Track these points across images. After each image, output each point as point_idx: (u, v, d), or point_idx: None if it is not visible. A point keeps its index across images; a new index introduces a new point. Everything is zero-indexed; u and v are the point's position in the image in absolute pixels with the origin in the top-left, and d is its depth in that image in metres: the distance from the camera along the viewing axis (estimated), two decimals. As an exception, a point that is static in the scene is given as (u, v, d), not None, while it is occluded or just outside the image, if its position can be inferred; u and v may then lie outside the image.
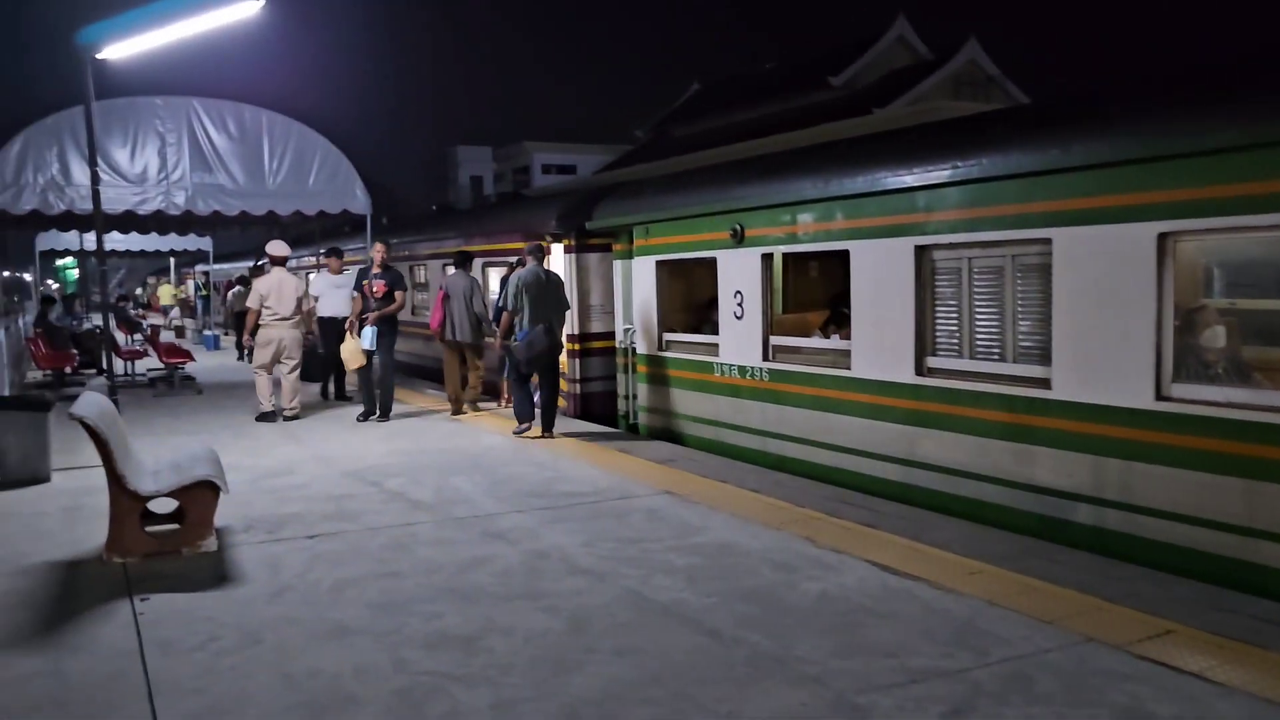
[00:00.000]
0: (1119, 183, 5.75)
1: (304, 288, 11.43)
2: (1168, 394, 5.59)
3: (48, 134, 11.30)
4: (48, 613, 4.88)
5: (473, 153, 60.58)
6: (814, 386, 8.17)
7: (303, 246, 24.21)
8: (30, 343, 16.35)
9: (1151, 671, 3.90)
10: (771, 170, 8.89)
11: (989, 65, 33.03)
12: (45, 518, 6.79)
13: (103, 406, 5.88)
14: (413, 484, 7.62)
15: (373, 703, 3.78)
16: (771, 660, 4.10)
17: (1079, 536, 5.95)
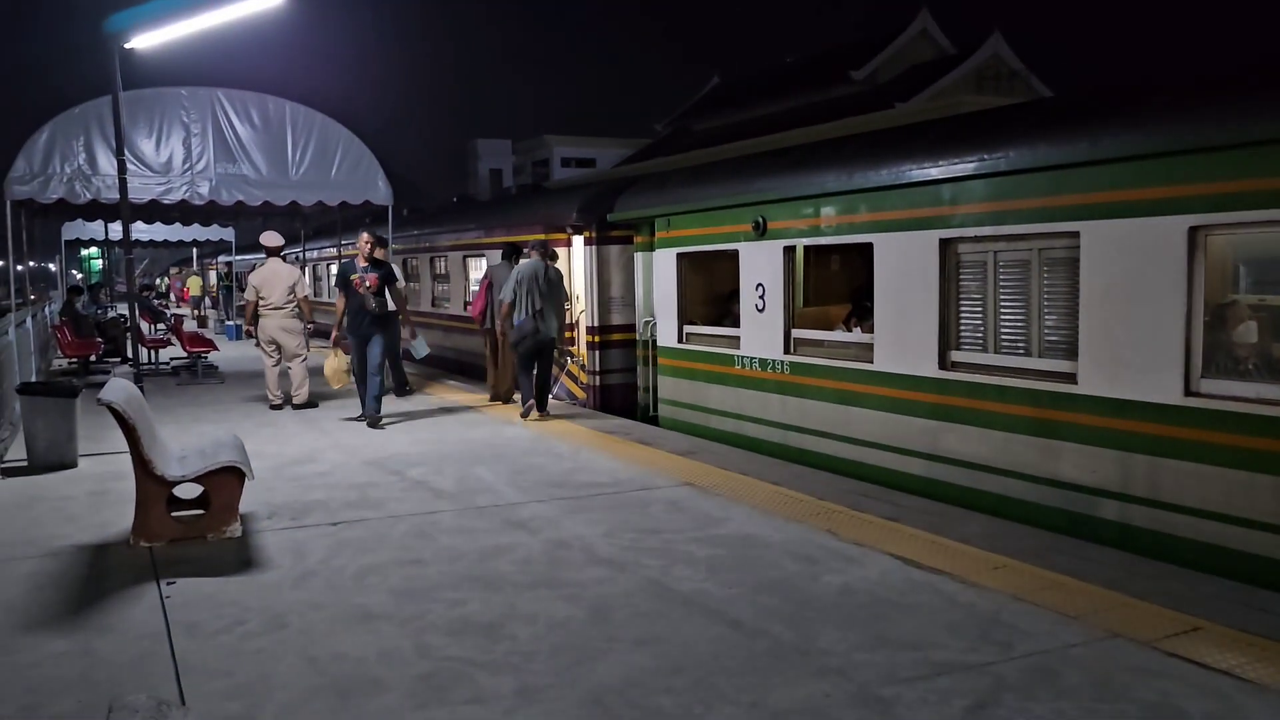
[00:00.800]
0: (1149, 176, 5.70)
1: (298, 277, 11.38)
2: (1197, 389, 5.54)
3: (75, 124, 11.38)
4: (76, 595, 4.93)
5: (492, 146, 60.61)
6: (836, 380, 8.14)
7: (324, 238, 24.34)
8: (56, 331, 16.51)
9: (1180, 668, 3.87)
10: (795, 162, 8.86)
11: (1013, 60, 32.74)
12: (72, 502, 6.86)
13: (130, 392, 5.92)
14: (434, 473, 7.65)
15: (397, 687, 3.80)
16: (794, 651, 4.09)
17: (1105, 533, 5.90)
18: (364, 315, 9.90)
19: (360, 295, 9.87)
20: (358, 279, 9.88)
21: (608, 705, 3.62)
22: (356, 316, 9.94)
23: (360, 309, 9.90)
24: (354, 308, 9.92)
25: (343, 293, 10.04)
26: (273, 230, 12.02)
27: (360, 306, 9.90)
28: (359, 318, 9.92)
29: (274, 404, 11.21)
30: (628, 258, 11.64)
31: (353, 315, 9.95)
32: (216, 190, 12.15)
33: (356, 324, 9.96)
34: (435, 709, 3.61)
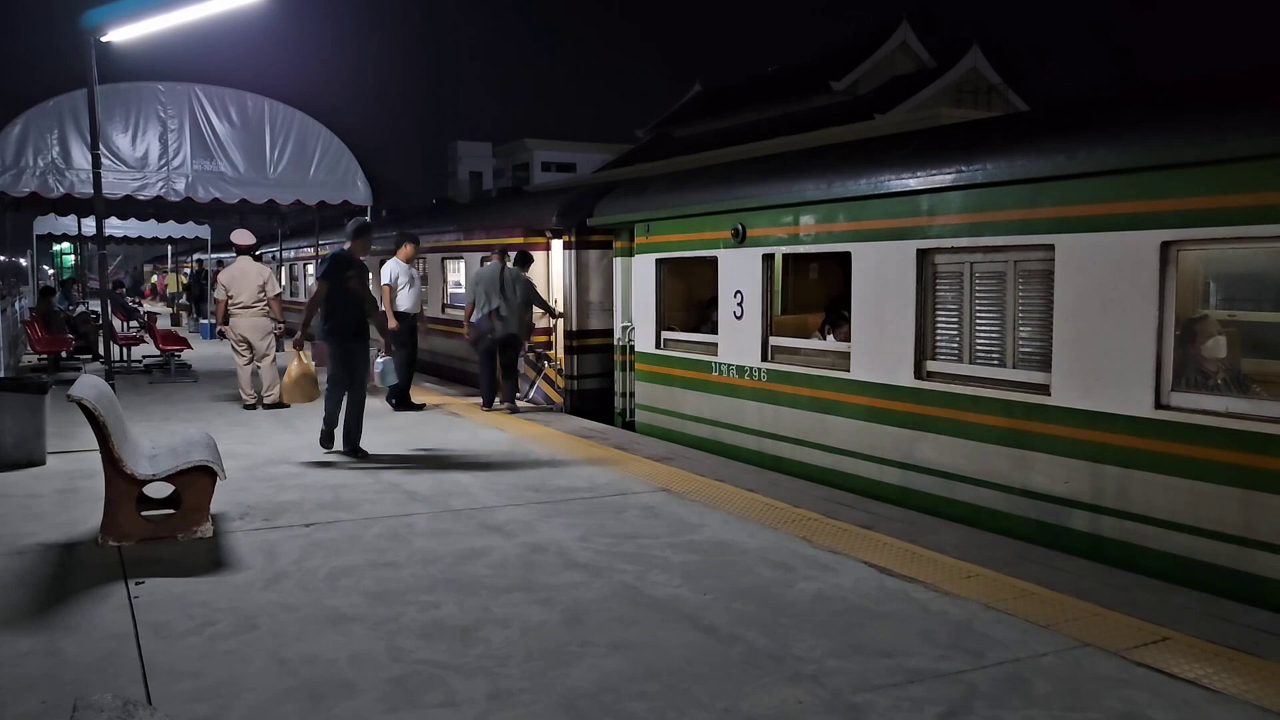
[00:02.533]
0: (1123, 190, 5.76)
1: (268, 276, 11.29)
2: (1167, 402, 5.61)
3: (49, 116, 11.24)
4: (43, 593, 4.86)
5: (473, 148, 60.49)
6: (812, 388, 8.17)
7: (301, 238, 24.20)
8: (27, 326, 16.31)
9: (1147, 677, 3.91)
10: (775, 170, 8.89)
11: (991, 74, 33.04)
12: (40, 500, 6.76)
13: (101, 389, 5.85)
14: (409, 475, 7.61)
15: (369, 690, 3.77)
16: (768, 658, 4.10)
17: (1076, 543, 5.96)
18: (351, 320, 8.32)
19: (353, 295, 8.40)
20: (354, 277, 8.39)
21: (581, 710, 3.61)
22: (341, 320, 8.31)
23: (348, 312, 8.32)
24: (338, 310, 8.30)
25: (326, 285, 8.32)
26: (244, 229, 11.92)
27: (348, 308, 8.32)
28: (343, 321, 8.31)
29: (247, 404, 11.14)
30: (607, 263, 11.64)
31: (336, 318, 8.31)
32: (193, 187, 12.05)
33: (338, 328, 8.30)
34: (407, 712, 3.59)
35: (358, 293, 8.36)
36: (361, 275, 8.48)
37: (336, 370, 8.25)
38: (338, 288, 8.27)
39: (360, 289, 8.38)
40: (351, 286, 8.32)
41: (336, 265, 8.38)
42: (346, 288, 8.29)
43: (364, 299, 8.44)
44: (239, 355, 11.18)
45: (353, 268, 8.41)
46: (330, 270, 8.42)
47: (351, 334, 8.34)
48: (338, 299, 8.28)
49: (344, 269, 8.36)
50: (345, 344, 8.28)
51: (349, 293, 8.31)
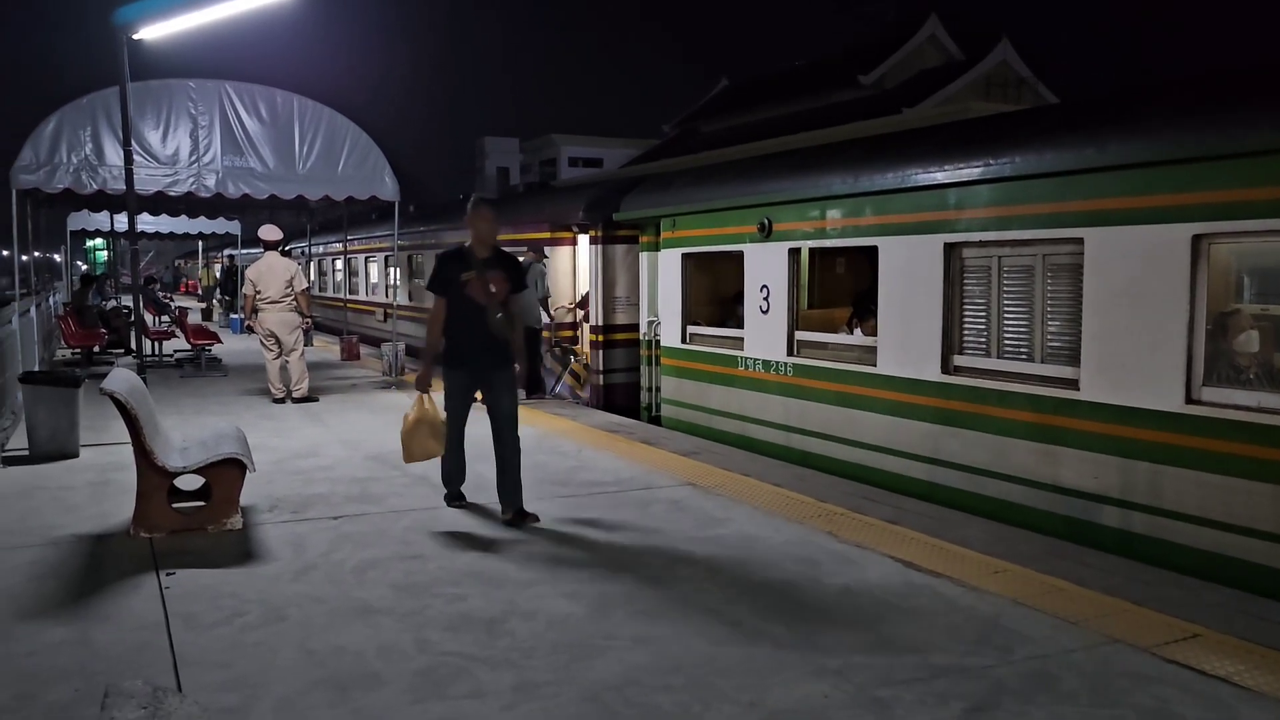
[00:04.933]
0: (1154, 183, 5.70)
1: (295, 271, 11.38)
2: (1198, 397, 5.54)
3: (82, 114, 11.38)
4: (76, 584, 4.94)
5: (500, 144, 60.68)
6: (839, 382, 8.14)
7: (330, 233, 24.37)
8: (60, 321, 16.54)
9: (1177, 674, 3.87)
10: (801, 165, 8.86)
11: (1021, 66, 32.76)
12: (73, 492, 6.87)
13: (133, 383, 5.94)
14: (437, 469, 7.61)
15: (396, 681, 3.80)
16: (793, 652, 4.09)
17: (1105, 539, 5.90)
18: (481, 341, 6.17)
19: (479, 307, 6.12)
20: (475, 279, 6.15)
21: (606, 703, 3.62)
22: (467, 340, 6.19)
23: (474, 328, 6.14)
24: (461, 329, 6.19)
25: (443, 300, 6.23)
26: (272, 224, 12.03)
27: (474, 324, 6.13)
28: (470, 342, 6.18)
29: (276, 397, 11.24)
30: (633, 257, 11.65)
31: (459, 338, 6.21)
32: (223, 183, 12.14)
33: (464, 352, 6.22)
34: (434, 703, 3.61)
35: (481, 301, 6.10)
36: (490, 275, 6.17)
37: (458, 408, 6.32)
38: (456, 298, 6.13)
39: (485, 294, 6.10)
40: (472, 293, 6.08)
41: (444, 268, 6.26)
42: (465, 295, 6.11)
43: (488, 307, 6.12)
44: (267, 350, 11.29)
45: (469, 266, 6.16)
46: (438, 277, 6.25)
47: (485, 358, 6.18)
48: (457, 314, 6.15)
49: (456, 269, 6.18)
50: (478, 374, 6.22)
51: (469, 303, 6.11)
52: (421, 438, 6.20)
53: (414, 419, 6.21)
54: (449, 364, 6.24)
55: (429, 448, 6.22)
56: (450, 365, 6.24)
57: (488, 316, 6.07)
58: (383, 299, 20.52)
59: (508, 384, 6.23)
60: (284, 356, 11.27)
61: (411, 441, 6.22)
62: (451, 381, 6.25)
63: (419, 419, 6.20)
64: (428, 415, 6.20)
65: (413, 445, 6.22)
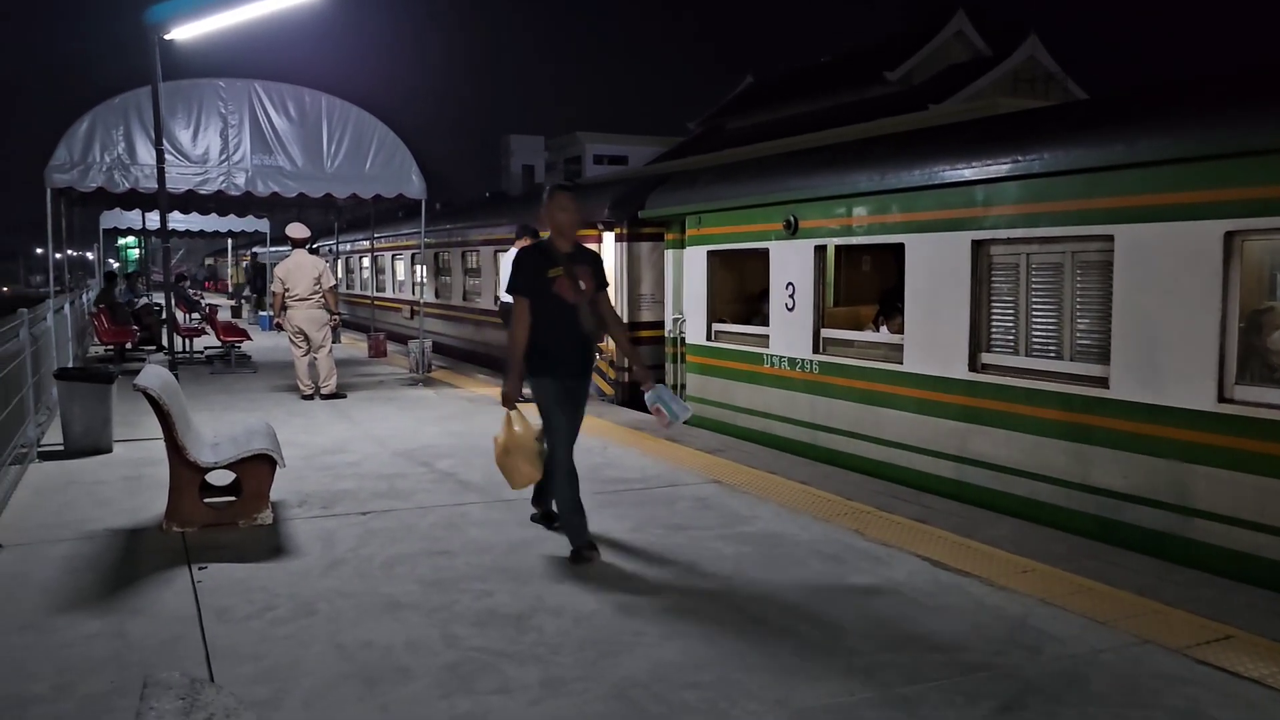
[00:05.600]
0: (1185, 179, 5.64)
1: (323, 268, 11.46)
2: (1231, 396, 5.48)
3: (115, 113, 11.52)
4: (110, 577, 5.01)
5: (525, 142, 60.84)
6: (865, 380, 8.11)
7: (357, 231, 24.53)
8: (93, 318, 16.76)
9: (1210, 676, 3.83)
10: (827, 162, 8.83)
11: (1049, 62, 32.46)
12: (107, 486, 6.96)
13: (165, 379, 6.01)
14: (463, 465, 7.70)
15: (424, 676, 3.83)
16: (819, 650, 4.09)
17: (1136, 539, 5.85)
18: (574, 345, 5.46)
19: (569, 307, 5.39)
20: (562, 277, 5.39)
21: (633, 699, 3.64)
22: (558, 344, 5.40)
23: (566, 330, 5.41)
24: (551, 332, 5.38)
25: (528, 301, 5.40)
26: (300, 222, 12.13)
27: (565, 326, 5.41)
28: (562, 346, 5.42)
29: (305, 394, 11.34)
30: (658, 255, 11.66)
31: (549, 342, 5.38)
32: (252, 181, 12.26)
33: (556, 358, 5.41)
34: (461, 698, 3.64)
35: (570, 300, 5.38)
36: (577, 270, 5.44)
37: (562, 420, 5.42)
38: (543, 298, 5.37)
39: (574, 292, 5.39)
40: (561, 291, 5.37)
41: (526, 266, 5.47)
42: (553, 294, 5.36)
43: (579, 306, 5.40)
44: (296, 347, 11.38)
45: (554, 262, 5.41)
46: (521, 276, 5.45)
47: (576, 363, 5.53)
48: (545, 316, 5.37)
49: (540, 266, 5.42)
50: (562, 381, 5.43)
51: (558, 303, 5.36)
52: (519, 463, 5.46)
53: (504, 441, 5.45)
54: (538, 372, 5.39)
55: (527, 473, 5.50)
56: (540, 374, 5.39)
57: (579, 316, 5.39)
58: (410, 296, 20.64)
59: (586, 393, 5.67)
60: (312, 353, 11.36)
61: (510, 469, 5.52)
62: (546, 392, 5.40)
63: (511, 442, 5.43)
64: (520, 437, 5.43)
65: (513, 473, 5.52)
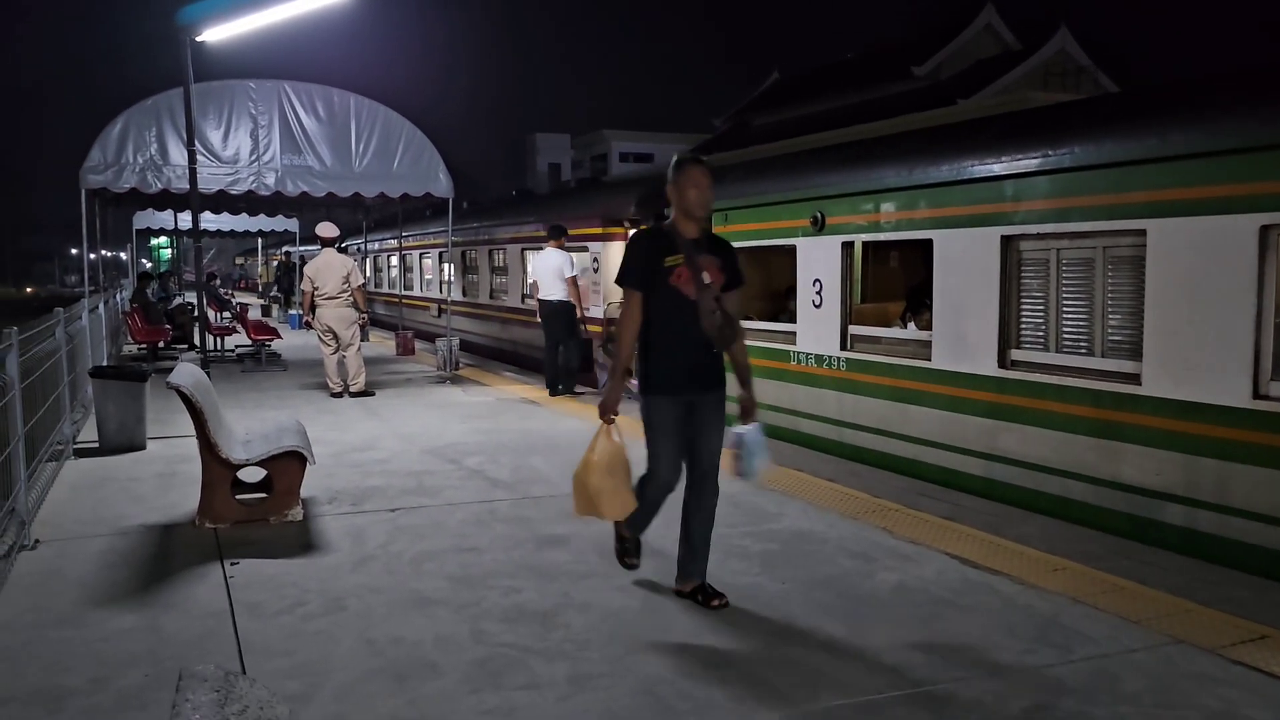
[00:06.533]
0: (1219, 173, 5.56)
1: (351, 267, 11.51)
2: (1266, 392, 5.41)
3: (147, 114, 11.66)
4: (144, 572, 5.08)
5: (551, 140, 61.03)
6: (893, 377, 8.07)
7: (385, 230, 24.69)
8: (127, 317, 16.98)
9: (1245, 675, 3.78)
10: (854, 158, 8.79)
11: (1080, 55, 32.08)
12: (141, 483, 7.06)
13: (198, 377, 6.08)
14: (491, 463, 7.74)
15: (453, 671, 3.86)
16: (848, 648, 4.07)
17: (1169, 538, 5.79)
18: (694, 351, 4.47)
19: (688, 304, 4.40)
20: (684, 268, 4.41)
21: (660, 695, 3.64)
22: (676, 351, 4.48)
23: (686, 334, 4.43)
24: (665, 334, 4.46)
25: (639, 296, 4.45)
26: (329, 221, 12.22)
27: (685, 329, 4.42)
28: (681, 354, 4.48)
29: (334, 392, 11.43)
30: (684, 252, 11.63)
31: (666, 348, 4.48)
32: (282, 181, 12.37)
33: (673, 368, 4.49)
34: (490, 694, 3.66)
35: (693, 297, 4.40)
36: (702, 260, 4.45)
37: (669, 446, 4.55)
38: (660, 293, 4.41)
39: (699, 287, 4.39)
40: (681, 285, 4.40)
41: (640, 253, 4.48)
42: (671, 289, 4.40)
43: (702, 304, 4.39)
44: (325, 345, 11.47)
45: (675, 249, 4.43)
46: (633, 265, 4.48)
47: (697, 375, 4.52)
48: (662, 316, 4.43)
49: (658, 254, 4.43)
50: (678, 397, 4.50)
51: (678, 299, 4.39)
52: (612, 485, 4.41)
53: (596, 460, 4.43)
54: (651, 386, 4.51)
55: (624, 499, 4.45)
56: (653, 388, 4.50)
57: (702, 317, 4.38)
58: (437, 295, 20.75)
59: (720, 413, 4.57)
60: (341, 351, 11.45)
61: (597, 491, 4.40)
62: (657, 410, 4.49)
63: (607, 458, 4.43)
64: (618, 453, 4.45)
65: (601, 496, 4.40)
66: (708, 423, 4.55)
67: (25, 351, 6.11)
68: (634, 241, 4.59)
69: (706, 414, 4.54)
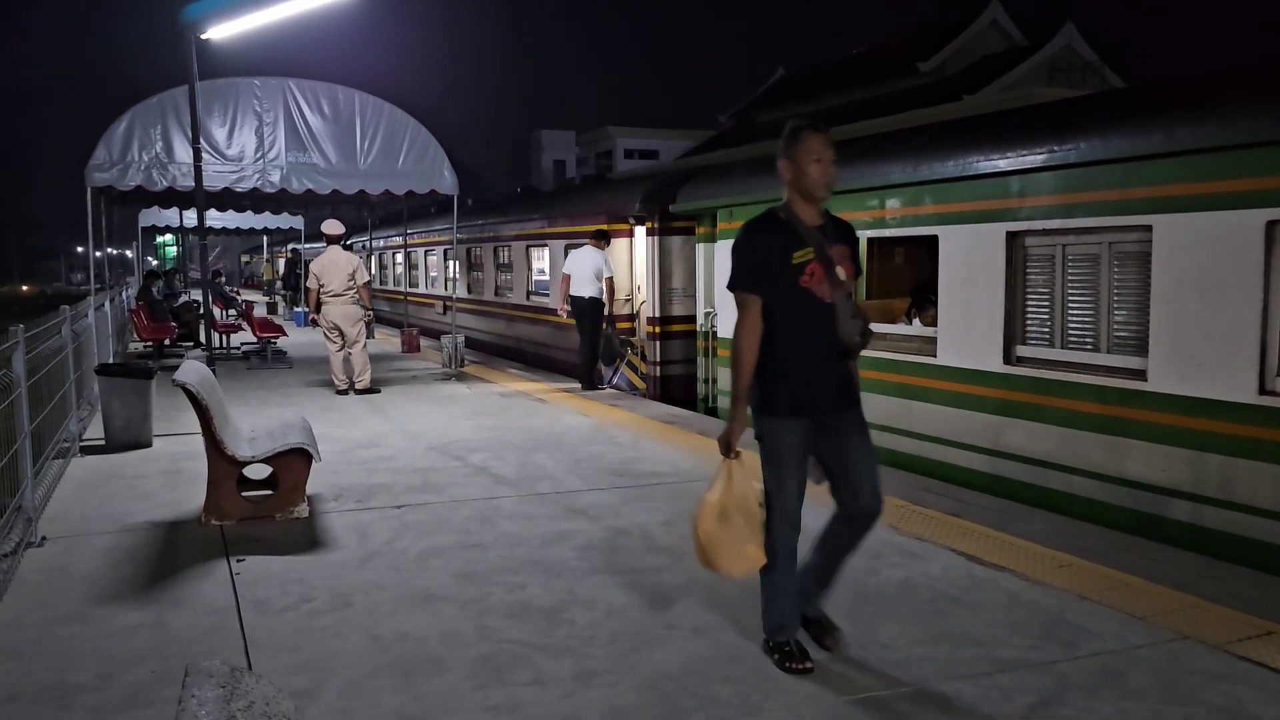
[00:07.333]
0: (1225, 168, 5.54)
1: (357, 264, 11.53)
2: (1272, 388, 5.39)
3: (153, 112, 11.67)
4: (151, 569, 5.09)
5: (556, 137, 60.97)
6: (897, 373, 8.05)
7: (390, 227, 24.70)
8: (133, 315, 17.02)
9: (1251, 672, 3.78)
10: (859, 154, 8.76)
11: (1086, 50, 32.00)
12: (147, 480, 7.08)
13: (204, 374, 6.09)
14: (496, 459, 7.74)
15: (458, 667, 3.86)
16: (853, 645, 4.07)
17: (1175, 534, 5.77)
18: (830, 364, 3.78)
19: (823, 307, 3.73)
20: (815, 265, 3.72)
21: (665, 691, 3.65)
22: (808, 365, 3.75)
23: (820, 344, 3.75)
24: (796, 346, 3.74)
25: (759, 300, 3.74)
26: (334, 219, 12.24)
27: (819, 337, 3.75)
28: (814, 368, 3.76)
29: (339, 389, 11.44)
30: (690, 249, 11.64)
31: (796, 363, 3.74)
32: (287, 179, 12.38)
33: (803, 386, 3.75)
34: (495, 690, 3.67)
35: (827, 299, 3.70)
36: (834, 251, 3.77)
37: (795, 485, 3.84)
38: (787, 296, 3.69)
39: (832, 286, 3.70)
40: (813, 286, 3.68)
41: (759, 247, 3.75)
42: (801, 289, 3.68)
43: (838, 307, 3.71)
44: (330, 342, 11.49)
45: (801, 241, 3.72)
46: (751, 263, 3.75)
47: (833, 392, 3.79)
48: (788, 323, 3.71)
49: (781, 248, 3.72)
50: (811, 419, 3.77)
51: (810, 301, 3.69)
52: (734, 538, 3.71)
53: (719, 503, 3.73)
54: (776, 408, 3.75)
55: (748, 554, 3.74)
56: (775, 408, 3.75)
57: (840, 322, 3.68)
58: (442, 292, 20.76)
59: (866, 433, 3.84)
60: (347, 349, 11.46)
61: (708, 540, 3.73)
62: (784, 437, 3.76)
63: (729, 505, 3.72)
64: (741, 497, 3.73)
65: (721, 549, 3.72)
66: (857, 447, 3.79)
67: (32, 349, 6.12)
68: (748, 234, 3.78)
69: (851, 436, 3.79)
